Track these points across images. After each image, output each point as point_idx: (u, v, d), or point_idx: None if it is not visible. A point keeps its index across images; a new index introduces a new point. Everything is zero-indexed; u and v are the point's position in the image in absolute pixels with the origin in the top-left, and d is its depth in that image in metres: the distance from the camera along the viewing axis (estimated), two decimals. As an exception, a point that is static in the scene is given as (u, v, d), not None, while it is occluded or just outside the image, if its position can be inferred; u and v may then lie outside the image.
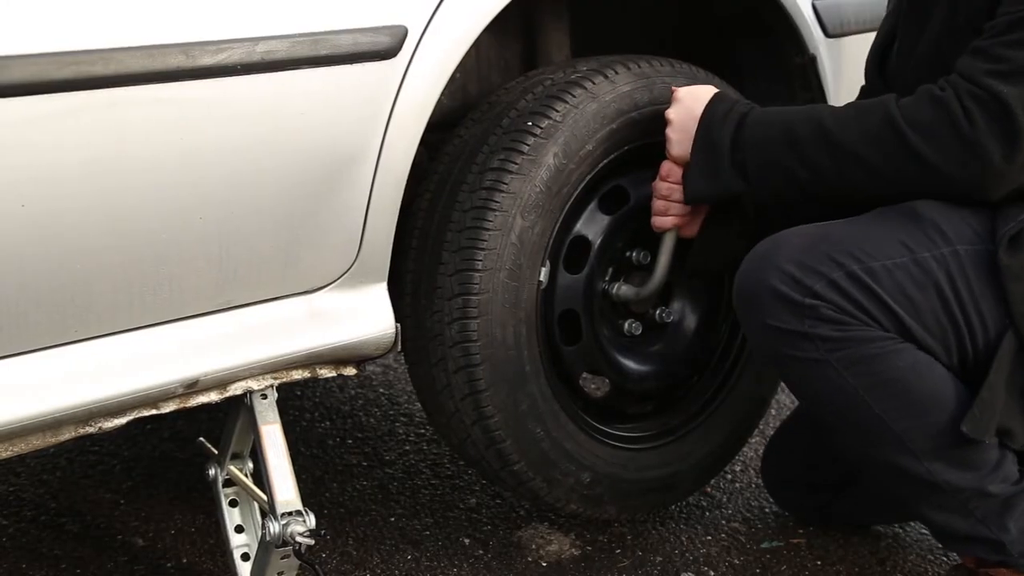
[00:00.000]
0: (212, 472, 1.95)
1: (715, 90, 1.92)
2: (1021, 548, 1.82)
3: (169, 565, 2.10)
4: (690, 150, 1.89)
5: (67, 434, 1.66)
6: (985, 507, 1.80)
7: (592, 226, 2.03)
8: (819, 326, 1.71)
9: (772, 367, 1.88)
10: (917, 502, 1.86)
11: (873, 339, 1.71)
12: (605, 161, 1.99)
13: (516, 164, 1.90)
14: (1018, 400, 1.76)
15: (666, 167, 1.96)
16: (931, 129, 1.71)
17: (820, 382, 1.76)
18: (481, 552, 2.15)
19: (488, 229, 1.88)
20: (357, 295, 1.85)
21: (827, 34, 2.23)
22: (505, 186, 1.89)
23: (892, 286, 1.70)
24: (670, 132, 1.93)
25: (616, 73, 1.98)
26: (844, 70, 2.25)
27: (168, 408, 1.73)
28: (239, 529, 1.94)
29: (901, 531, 2.22)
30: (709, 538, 2.22)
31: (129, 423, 1.70)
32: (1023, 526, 1.82)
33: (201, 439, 2.01)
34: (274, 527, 1.77)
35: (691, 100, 1.91)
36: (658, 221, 2.00)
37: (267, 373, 1.80)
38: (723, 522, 2.28)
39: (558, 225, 1.97)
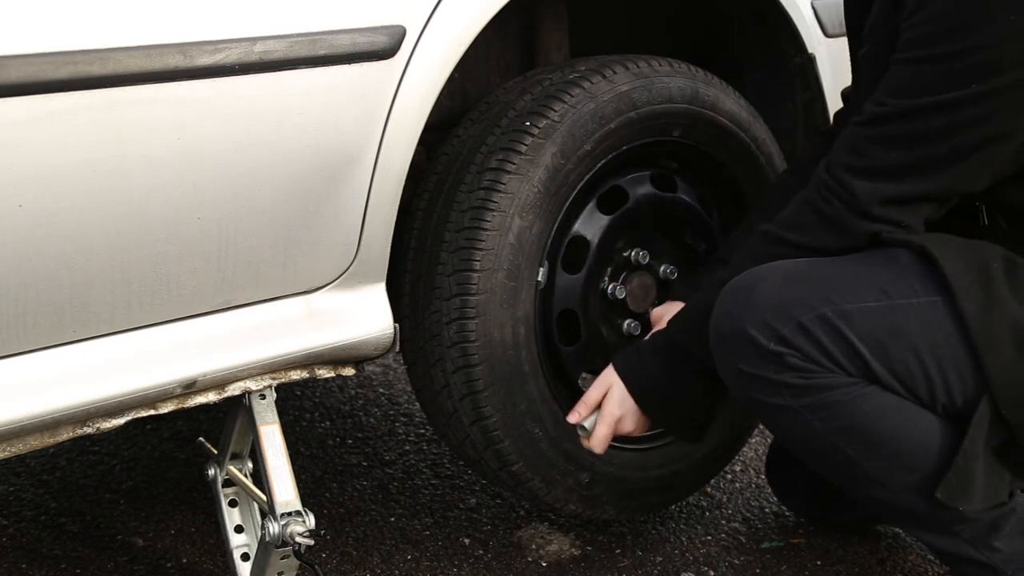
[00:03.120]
0: (212, 472, 1.95)
1: (608, 375, 1.90)
2: (1015, 566, 1.78)
3: (169, 565, 2.10)
4: (647, 418, 1.90)
5: (65, 435, 1.66)
6: (971, 529, 1.76)
7: (591, 226, 2.03)
8: (784, 373, 1.69)
9: (746, 408, 1.87)
10: (903, 526, 1.86)
11: (836, 386, 1.68)
12: (603, 161, 1.99)
13: (514, 164, 1.90)
14: (993, 461, 1.72)
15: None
16: (801, 223, 1.75)
17: (789, 426, 1.75)
18: (481, 552, 2.15)
19: (486, 229, 1.88)
20: (355, 295, 1.85)
21: (826, 34, 2.23)
22: (503, 186, 1.89)
23: (864, 330, 1.67)
24: (620, 425, 1.90)
25: (614, 73, 1.98)
26: (843, 70, 2.24)
27: (166, 409, 1.73)
28: (239, 529, 1.94)
29: (901, 531, 2.22)
30: (709, 538, 2.21)
31: (127, 424, 1.70)
32: (1015, 545, 1.78)
33: (201, 439, 2.02)
34: (273, 527, 1.77)
35: (608, 390, 1.89)
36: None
37: (265, 373, 1.80)
38: (723, 522, 2.27)
39: (556, 225, 1.97)
